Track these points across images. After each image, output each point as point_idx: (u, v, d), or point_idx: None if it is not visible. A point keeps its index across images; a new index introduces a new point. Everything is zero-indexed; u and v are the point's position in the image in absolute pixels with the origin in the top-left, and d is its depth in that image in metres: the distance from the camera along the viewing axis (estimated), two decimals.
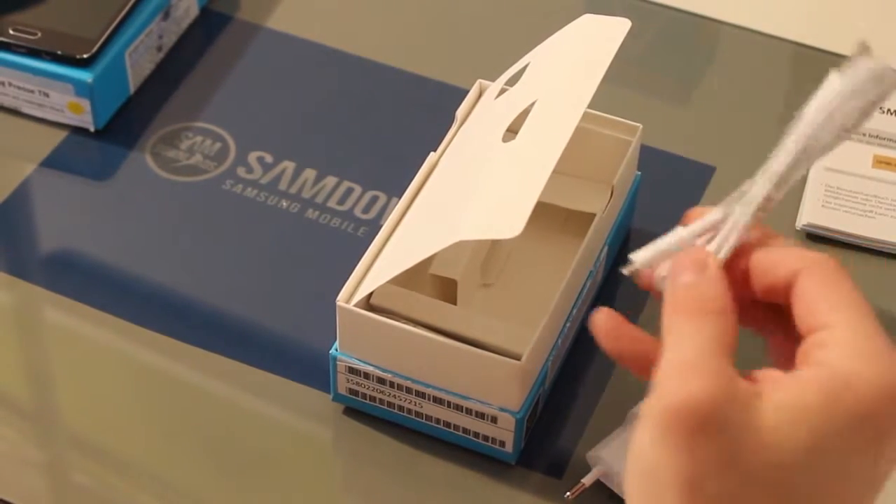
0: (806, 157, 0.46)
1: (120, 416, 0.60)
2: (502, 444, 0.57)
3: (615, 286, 0.64)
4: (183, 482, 0.58)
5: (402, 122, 0.72)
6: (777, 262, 0.45)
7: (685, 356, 0.42)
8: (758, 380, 0.43)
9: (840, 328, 0.42)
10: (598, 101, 0.57)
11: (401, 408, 0.58)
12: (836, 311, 0.43)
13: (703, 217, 0.47)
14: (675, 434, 0.40)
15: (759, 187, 0.46)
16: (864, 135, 0.71)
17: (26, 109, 0.71)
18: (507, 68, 0.61)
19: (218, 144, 0.71)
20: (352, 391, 0.59)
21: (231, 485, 0.57)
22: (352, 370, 0.58)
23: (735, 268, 0.46)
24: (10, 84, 0.71)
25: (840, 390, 0.41)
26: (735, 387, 0.41)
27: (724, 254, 0.46)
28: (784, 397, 0.41)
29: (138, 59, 0.73)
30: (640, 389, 0.45)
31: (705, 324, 0.43)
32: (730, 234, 0.46)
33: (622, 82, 0.62)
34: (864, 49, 0.45)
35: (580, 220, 0.61)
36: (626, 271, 0.48)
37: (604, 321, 0.46)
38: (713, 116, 0.72)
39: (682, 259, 0.45)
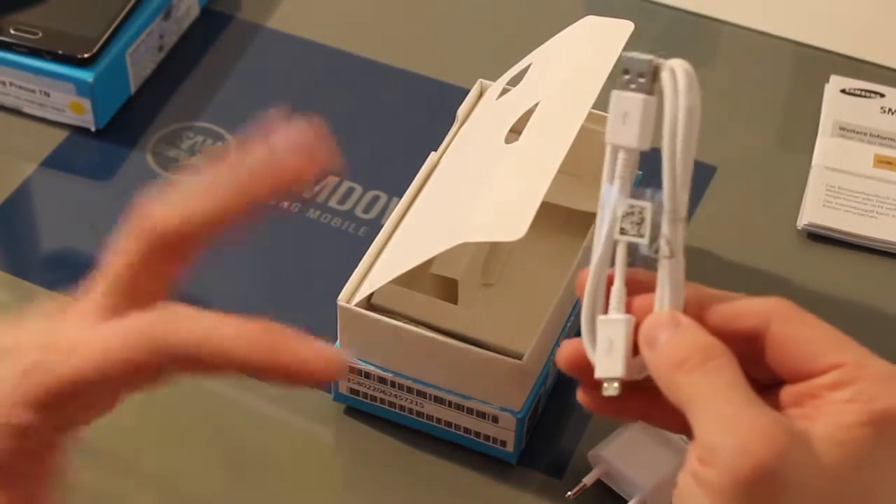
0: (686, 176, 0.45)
1: (120, 416, 0.60)
2: (503, 443, 0.57)
3: None
4: (183, 481, 0.58)
5: (402, 121, 0.73)
6: (741, 312, 0.44)
7: (721, 411, 0.41)
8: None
9: (852, 367, 0.43)
10: (600, 100, 0.57)
11: (402, 407, 0.58)
12: (838, 351, 0.43)
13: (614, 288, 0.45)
14: (749, 496, 0.40)
15: (668, 231, 0.44)
16: (865, 134, 0.71)
17: (27, 109, 0.71)
18: (507, 68, 0.61)
19: (219, 144, 0.71)
20: (353, 391, 0.59)
21: (231, 485, 0.57)
22: (353, 370, 0.58)
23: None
24: (11, 84, 0.71)
25: (885, 423, 0.42)
26: (788, 430, 0.41)
27: (679, 305, 0.44)
28: (836, 434, 0.41)
29: (139, 58, 0.73)
30: None
31: (718, 370, 0.42)
32: (668, 289, 0.44)
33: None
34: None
35: (581, 220, 0.61)
36: (609, 393, 0.45)
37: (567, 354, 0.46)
38: (713, 116, 0.72)
39: (649, 326, 0.44)
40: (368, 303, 0.57)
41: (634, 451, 0.55)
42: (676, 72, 0.44)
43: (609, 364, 0.44)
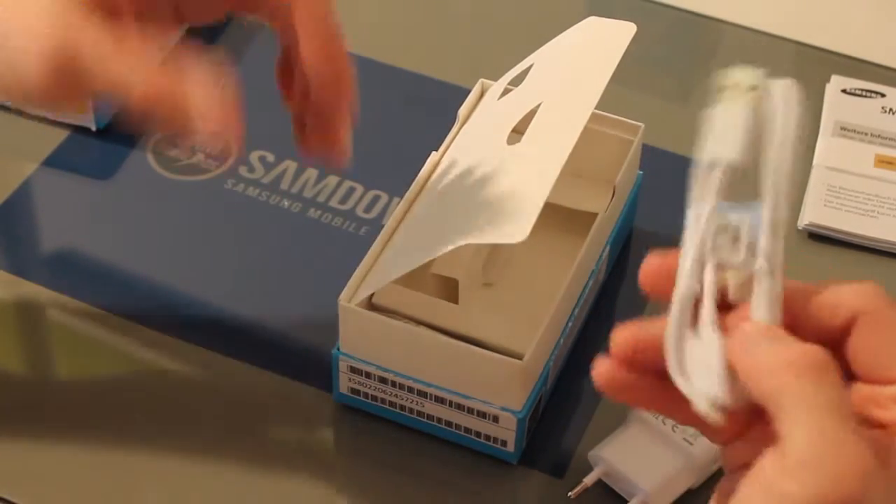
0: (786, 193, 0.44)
1: (120, 415, 0.60)
2: (504, 443, 0.57)
3: (617, 286, 0.64)
4: (183, 481, 0.58)
5: (403, 121, 0.72)
6: (829, 307, 0.44)
7: (823, 429, 0.40)
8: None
9: None
10: (601, 100, 0.57)
11: (402, 407, 0.58)
12: None
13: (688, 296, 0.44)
14: None
15: (767, 244, 0.43)
16: (867, 134, 0.71)
17: (28, 108, 0.71)
18: (508, 68, 0.61)
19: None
20: (353, 390, 0.59)
21: (232, 484, 0.57)
22: (354, 369, 0.58)
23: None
24: None
25: None
26: (874, 461, 0.40)
27: (776, 320, 0.43)
28: None
29: None
30: None
31: (825, 383, 0.41)
32: (764, 305, 0.43)
33: (624, 81, 0.62)
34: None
35: (582, 220, 0.61)
36: (714, 421, 0.42)
37: (607, 373, 0.44)
38: None
39: (747, 334, 0.42)
40: (369, 303, 0.57)
41: (635, 451, 0.55)
42: (784, 90, 0.44)
43: (708, 387, 0.42)
